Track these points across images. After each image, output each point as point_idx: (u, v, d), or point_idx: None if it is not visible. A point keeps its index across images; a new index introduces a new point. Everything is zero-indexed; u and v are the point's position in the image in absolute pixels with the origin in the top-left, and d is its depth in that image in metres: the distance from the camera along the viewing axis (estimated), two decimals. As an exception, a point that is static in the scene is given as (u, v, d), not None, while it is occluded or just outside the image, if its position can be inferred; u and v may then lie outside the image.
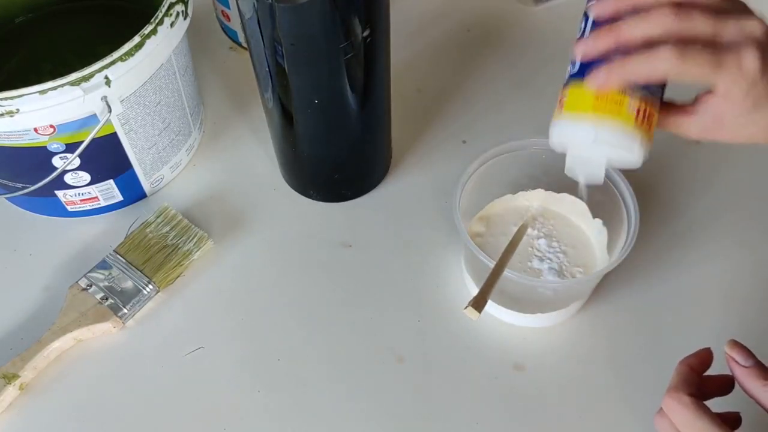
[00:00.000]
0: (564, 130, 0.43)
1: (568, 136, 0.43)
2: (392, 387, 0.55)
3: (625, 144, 0.42)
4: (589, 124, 0.42)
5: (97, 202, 0.63)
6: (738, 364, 0.41)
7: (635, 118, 0.41)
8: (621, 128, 0.41)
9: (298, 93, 0.54)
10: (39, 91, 0.51)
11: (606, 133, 0.41)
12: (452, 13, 0.80)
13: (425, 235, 0.63)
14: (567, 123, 0.43)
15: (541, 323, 0.57)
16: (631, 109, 0.41)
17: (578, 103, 0.42)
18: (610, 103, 0.41)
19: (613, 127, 0.41)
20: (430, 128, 0.70)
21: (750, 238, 0.62)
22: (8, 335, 0.58)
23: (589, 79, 0.41)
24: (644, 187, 0.60)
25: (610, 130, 0.41)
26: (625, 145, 0.42)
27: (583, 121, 0.42)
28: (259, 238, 0.63)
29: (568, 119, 0.43)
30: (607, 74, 0.40)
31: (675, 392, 0.40)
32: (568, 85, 0.43)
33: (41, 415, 0.54)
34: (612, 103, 0.41)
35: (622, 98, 0.41)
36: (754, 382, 0.40)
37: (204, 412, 0.54)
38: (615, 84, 0.41)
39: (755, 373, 0.40)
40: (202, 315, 0.59)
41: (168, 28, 0.56)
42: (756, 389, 0.40)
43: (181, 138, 0.65)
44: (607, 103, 0.41)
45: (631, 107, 0.41)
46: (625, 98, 0.41)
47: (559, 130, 0.44)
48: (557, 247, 0.58)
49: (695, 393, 0.40)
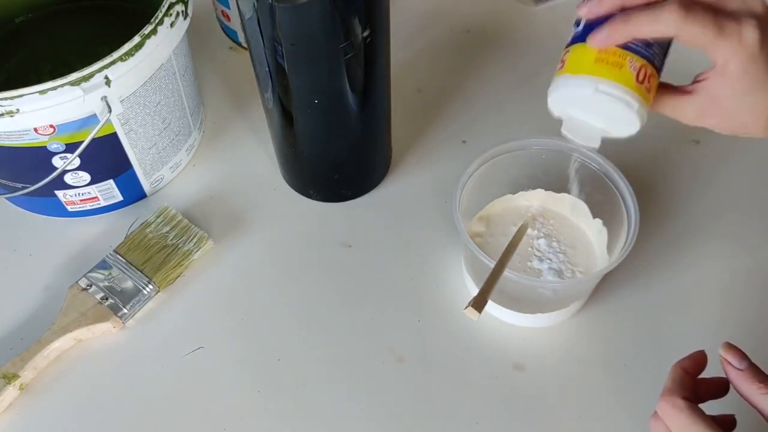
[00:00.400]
0: (564, 88, 0.43)
1: (568, 94, 0.43)
2: (392, 387, 0.55)
3: (623, 107, 0.41)
4: (589, 85, 0.41)
5: (97, 202, 0.63)
6: (732, 367, 0.41)
7: (636, 77, 0.41)
8: (622, 85, 0.41)
9: (298, 93, 0.54)
10: (39, 91, 0.51)
11: (606, 86, 0.41)
12: (452, 13, 0.80)
13: (425, 235, 0.63)
14: (567, 80, 0.42)
15: (541, 323, 0.57)
16: (632, 68, 0.41)
17: (580, 61, 0.42)
18: (611, 61, 0.41)
19: (613, 89, 0.41)
20: (430, 128, 0.70)
21: (750, 238, 0.62)
22: (8, 335, 0.58)
23: (593, 36, 0.41)
24: (644, 187, 0.60)
25: (610, 85, 0.41)
26: (623, 108, 0.41)
27: (583, 81, 0.42)
28: (259, 238, 0.63)
29: (568, 75, 0.42)
30: (610, 31, 0.40)
31: (669, 396, 0.40)
32: (571, 46, 0.43)
33: (41, 415, 0.54)
34: (614, 59, 0.41)
35: (622, 60, 0.41)
36: (748, 384, 0.40)
37: (204, 412, 0.54)
38: (619, 40, 0.40)
39: (749, 375, 0.40)
40: (202, 315, 0.59)
41: (168, 28, 0.56)
42: (750, 392, 0.40)
43: (181, 138, 0.65)
44: (608, 60, 0.41)
45: (632, 65, 0.41)
46: (627, 55, 0.41)
47: (558, 86, 0.43)
48: (557, 247, 0.58)
49: (690, 396, 0.40)
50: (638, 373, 0.55)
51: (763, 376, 0.40)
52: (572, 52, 0.43)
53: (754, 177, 0.65)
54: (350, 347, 0.57)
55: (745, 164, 0.66)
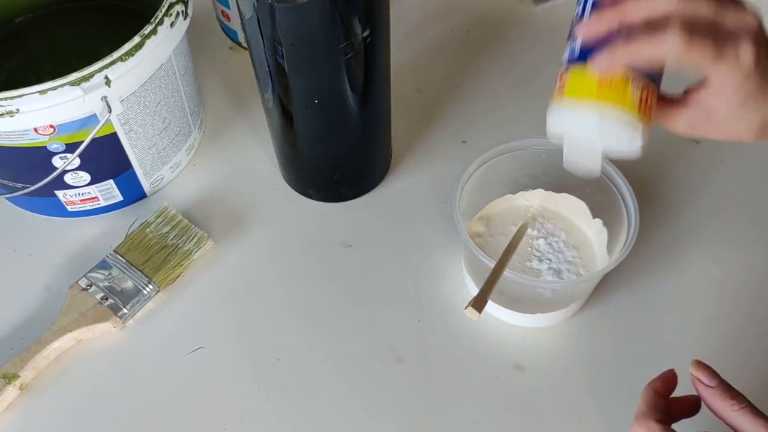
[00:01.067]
0: (566, 117, 0.42)
1: (570, 123, 0.42)
2: (392, 387, 0.55)
3: (629, 133, 0.41)
4: (593, 111, 0.41)
5: (97, 202, 0.63)
6: (704, 385, 0.41)
7: (639, 106, 0.41)
8: (626, 116, 0.40)
9: (298, 93, 0.54)
10: (39, 91, 0.51)
11: (611, 122, 0.41)
12: (452, 13, 0.80)
13: (425, 235, 0.63)
14: (569, 109, 0.42)
15: (541, 323, 0.57)
16: (634, 96, 0.40)
17: (581, 89, 0.41)
18: (613, 90, 0.40)
19: (618, 115, 0.40)
20: (430, 128, 0.70)
21: (750, 238, 0.62)
22: (8, 335, 0.58)
23: (593, 63, 0.40)
24: (644, 187, 0.60)
25: (615, 119, 0.40)
26: (629, 133, 0.41)
27: (587, 108, 0.41)
28: (259, 238, 0.63)
29: (570, 105, 0.41)
30: (611, 58, 0.39)
31: (643, 419, 0.41)
32: (569, 69, 0.42)
33: (41, 415, 0.54)
34: (616, 89, 0.40)
35: (625, 84, 0.40)
36: (720, 401, 0.40)
37: (204, 412, 0.54)
38: (619, 68, 0.40)
39: (720, 392, 0.40)
40: (202, 315, 0.59)
41: (168, 28, 0.56)
42: (723, 409, 0.40)
43: (181, 138, 0.65)
44: (610, 89, 0.40)
45: (634, 94, 0.40)
46: (629, 84, 0.40)
47: (559, 116, 0.42)
48: (557, 247, 0.58)
49: (663, 418, 0.41)
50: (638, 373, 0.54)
51: (734, 392, 0.40)
52: (572, 75, 0.42)
53: (754, 177, 0.65)
54: (350, 347, 0.57)
55: (745, 164, 0.66)
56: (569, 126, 0.43)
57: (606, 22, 0.40)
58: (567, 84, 0.42)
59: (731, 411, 0.39)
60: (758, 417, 0.39)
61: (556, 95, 0.43)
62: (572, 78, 0.42)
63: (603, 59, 0.40)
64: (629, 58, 0.39)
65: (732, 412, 0.39)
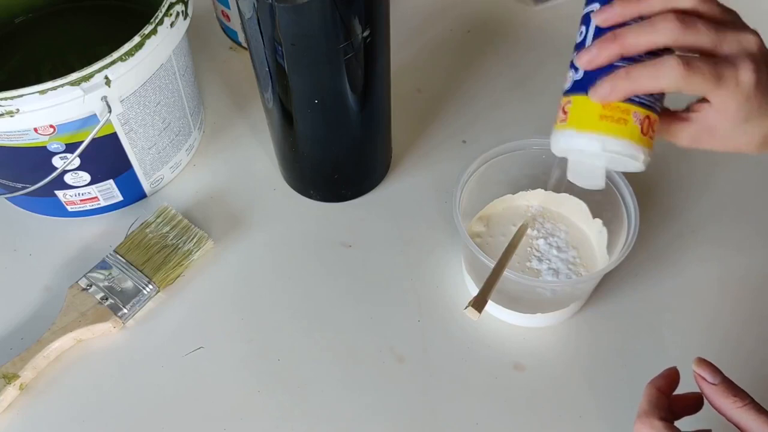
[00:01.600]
0: (569, 142, 0.43)
1: (574, 147, 0.43)
2: (392, 387, 0.55)
3: (632, 155, 0.42)
4: (596, 137, 0.41)
5: (97, 202, 0.63)
6: (707, 382, 0.41)
7: (641, 130, 0.41)
8: (628, 141, 0.41)
9: (298, 93, 0.54)
10: (39, 91, 0.51)
11: (613, 146, 0.41)
12: (452, 13, 0.80)
13: (425, 236, 0.63)
14: (572, 135, 0.42)
15: (541, 323, 0.57)
16: (636, 121, 0.41)
17: (584, 116, 0.42)
18: (616, 116, 0.41)
19: (621, 140, 0.41)
20: (430, 128, 0.70)
21: (750, 238, 0.62)
22: (8, 335, 0.58)
23: (594, 91, 0.41)
24: (644, 187, 0.60)
25: (617, 144, 0.41)
26: (632, 156, 0.42)
27: (589, 139, 0.42)
28: (259, 238, 0.63)
29: (573, 131, 0.42)
30: (613, 86, 0.40)
31: (646, 417, 0.41)
32: (571, 94, 0.43)
33: (41, 415, 0.54)
34: (618, 115, 0.41)
35: (627, 109, 0.41)
36: (723, 399, 0.40)
37: (204, 412, 0.54)
38: (621, 96, 0.40)
39: (723, 389, 0.40)
40: (202, 315, 0.59)
41: (168, 28, 0.56)
42: (725, 406, 0.40)
43: (181, 138, 0.65)
44: (613, 115, 0.41)
45: (636, 118, 0.41)
46: (630, 109, 0.41)
47: (563, 140, 0.43)
48: (557, 247, 0.58)
49: (666, 416, 0.41)
50: (638, 373, 0.54)
51: (736, 389, 0.40)
52: (574, 105, 0.42)
53: (754, 177, 0.65)
54: (350, 347, 0.57)
55: (746, 165, 0.66)
56: (573, 150, 0.44)
57: (607, 53, 0.40)
58: (570, 113, 0.43)
59: (734, 408, 0.40)
60: (761, 414, 0.39)
61: (559, 122, 0.44)
62: (574, 107, 0.42)
63: (604, 89, 0.40)
64: (629, 89, 0.40)
65: (735, 409, 0.39)
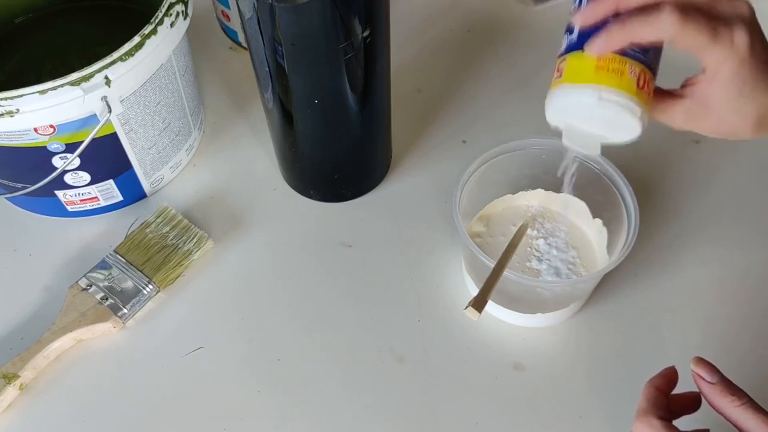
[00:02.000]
0: (564, 97, 0.42)
1: (569, 103, 0.42)
2: (392, 387, 0.55)
3: (628, 107, 0.41)
4: (592, 94, 0.41)
5: (97, 202, 0.63)
6: (705, 381, 0.41)
7: (637, 83, 0.41)
8: (624, 97, 0.41)
9: (298, 93, 0.54)
10: (39, 91, 0.51)
11: (610, 95, 0.41)
12: (452, 13, 0.80)
13: (425, 236, 0.63)
14: (567, 94, 0.42)
15: (541, 323, 0.57)
16: (632, 74, 0.41)
17: (579, 70, 0.41)
18: (612, 68, 0.41)
19: (617, 96, 0.41)
20: (430, 128, 0.70)
21: (750, 238, 0.62)
22: (8, 335, 0.58)
23: (589, 46, 0.41)
24: (644, 187, 0.60)
25: (613, 93, 0.41)
26: (629, 108, 0.41)
27: (585, 91, 0.41)
28: (259, 238, 0.63)
29: (567, 90, 0.42)
30: (607, 39, 0.40)
31: (644, 416, 0.41)
32: (566, 54, 0.42)
33: (41, 415, 0.54)
34: (614, 66, 0.41)
35: (623, 61, 0.41)
36: (721, 398, 0.40)
37: (204, 412, 0.54)
38: (617, 46, 0.40)
39: (721, 388, 0.40)
40: (202, 315, 0.59)
41: (168, 28, 0.56)
42: (723, 405, 0.40)
43: (181, 138, 0.65)
44: (609, 68, 0.41)
45: (632, 71, 0.41)
46: (626, 67, 0.41)
47: (558, 101, 0.43)
48: (557, 247, 0.58)
49: (664, 415, 0.41)
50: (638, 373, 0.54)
51: (734, 388, 0.40)
52: (569, 61, 0.42)
53: (754, 177, 0.65)
54: (350, 347, 0.57)
55: (746, 164, 0.66)
56: (567, 109, 0.43)
57: (602, 8, 0.40)
58: (564, 70, 0.42)
59: (732, 407, 0.40)
60: (759, 413, 0.39)
61: (553, 82, 0.43)
62: (569, 64, 0.42)
63: (599, 41, 0.40)
64: (625, 39, 0.40)
65: (733, 408, 0.40)
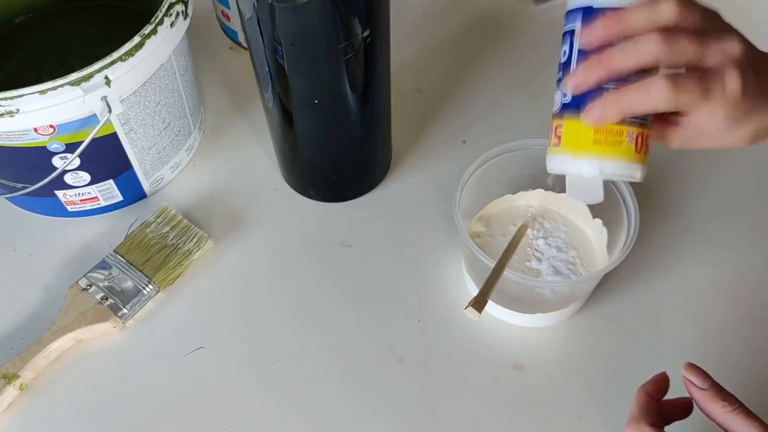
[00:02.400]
0: (565, 167, 0.43)
1: (570, 172, 0.44)
2: (392, 387, 0.55)
3: (628, 175, 0.42)
4: (592, 162, 0.42)
5: (97, 202, 0.63)
6: (696, 387, 0.41)
7: (635, 148, 0.42)
8: (624, 162, 0.42)
9: (298, 93, 0.54)
10: (39, 91, 0.51)
11: (610, 169, 0.42)
12: (452, 13, 0.80)
13: (425, 236, 0.63)
14: (567, 160, 0.43)
15: (541, 323, 0.57)
16: (630, 140, 0.41)
17: (577, 140, 0.42)
18: (609, 138, 0.41)
19: (617, 162, 0.42)
20: (430, 128, 0.70)
21: (749, 239, 0.62)
22: (8, 335, 0.58)
23: (586, 115, 0.41)
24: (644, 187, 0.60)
25: (614, 166, 0.42)
26: (628, 176, 0.42)
27: (585, 161, 0.42)
28: (259, 238, 0.63)
29: (568, 157, 0.43)
30: (603, 110, 0.40)
31: (636, 423, 0.41)
32: (563, 116, 0.43)
33: (41, 415, 0.54)
34: (611, 138, 0.41)
35: (620, 131, 0.41)
36: (712, 403, 0.40)
37: (204, 412, 0.54)
38: (612, 120, 0.41)
39: (713, 394, 0.41)
40: (202, 315, 0.59)
41: (168, 28, 0.56)
42: (715, 410, 0.40)
43: (181, 138, 0.65)
44: (606, 138, 0.41)
45: (630, 138, 0.41)
46: (623, 130, 0.41)
47: (559, 165, 0.44)
48: (557, 247, 0.58)
49: (656, 421, 0.41)
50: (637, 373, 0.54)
51: (725, 394, 0.41)
52: (566, 129, 0.43)
53: (754, 177, 0.65)
54: (350, 347, 0.57)
55: (746, 164, 0.66)
56: (569, 171, 0.44)
57: (594, 77, 0.41)
58: (563, 137, 0.43)
59: (723, 413, 0.40)
60: (749, 418, 0.39)
61: (552, 146, 0.44)
62: (567, 131, 0.43)
63: (595, 112, 0.41)
64: (621, 112, 0.40)
65: (724, 414, 0.40)
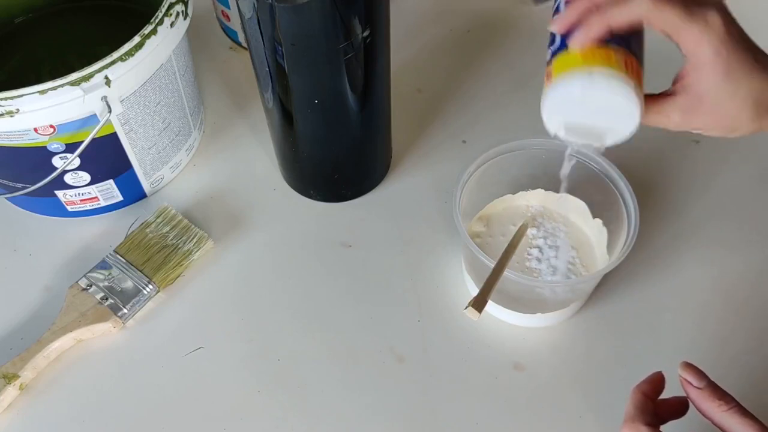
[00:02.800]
0: (557, 89, 0.42)
1: (562, 94, 0.42)
2: (392, 387, 0.55)
3: (621, 89, 0.41)
4: (583, 74, 0.41)
5: (97, 202, 0.63)
6: (692, 386, 0.41)
7: (625, 67, 0.42)
8: (615, 72, 0.41)
9: (298, 93, 0.54)
10: (39, 91, 0.51)
11: (601, 80, 0.41)
12: (452, 13, 0.80)
13: (425, 236, 0.63)
14: (558, 83, 0.42)
15: (541, 323, 0.57)
16: (618, 59, 0.42)
17: (566, 65, 0.42)
18: (597, 56, 0.42)
19: (607, 70, 0.41)
20: (430, 128, 0.70)
21: (749, 238, 0.62)
22: (8, 335, 0.58)
23: (572, 41, 0.42)
24: (644, 187, 0.60)
25: (604, 75, 0.41)
26: (622, 90, 0.41)
27: (576, 75, 0.42)
28: (259, 238, 0.63)
29: (558, 79, 0.42)
30: (587, 26, 0.41)
31: (632, 422, 0.41)
32: (553, 60, 0.43)
33: (41, 415, 0.54)
34: (600, 54, 0.42)
35: (607, 52, 0.42)
36: (708, 402, 0.40)
37: (204, 412, 0.54)
38: (597, 33, 0.41)
39: (709, 393, 0.41)
40: (202, 315, 0.59)
41: (168, 28, 0.56)
42: (711, 410, 0.40)
43: (181, 138, 0.65)
44: (594, 57, 0.42)
45: (618, 58, 0.42)
46: (610, 52, 0.42)
47: (552, 98, 0.43)
48: (557, 247, 0.58)
49: (652, 421, 0.41)
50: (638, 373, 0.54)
51: (722, 393, 0.41)
52: (556, 62, 0.43)
53: (753, 177, 0.65)
54: (350, 347, 0.57)
55: (746, 164, 0.66)
56: (563, 105, 0.43)
57: (578, 9, 0.42)
58: (553, 70, 0.43)
59: (719, 412, 0.40)
60: (745, 417, 0.39)
61: (545, 84, 0.44)
62: (557, 63, 0.43)
63: (580, 34, 0.41)
64: (603, 25, 0.41)
65: (720, 413, 0.40)
